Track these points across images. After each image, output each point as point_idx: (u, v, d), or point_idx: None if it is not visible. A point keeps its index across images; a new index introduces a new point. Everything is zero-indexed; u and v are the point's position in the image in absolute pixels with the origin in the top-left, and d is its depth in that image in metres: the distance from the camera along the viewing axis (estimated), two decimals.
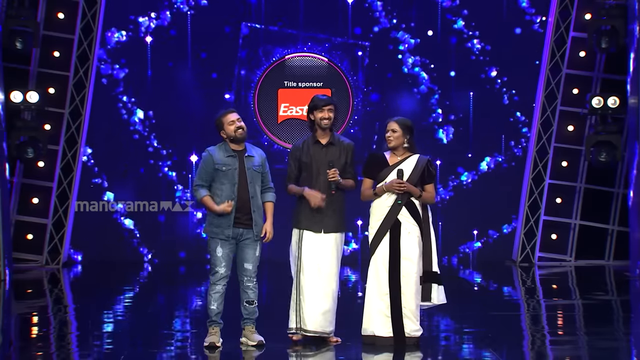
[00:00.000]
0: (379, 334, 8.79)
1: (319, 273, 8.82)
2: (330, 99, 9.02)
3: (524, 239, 15.82)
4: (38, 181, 15.54)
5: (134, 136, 15.81)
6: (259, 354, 8.71)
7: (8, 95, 14.56)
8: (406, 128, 8.90)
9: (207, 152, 8.88)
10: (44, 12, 15.37)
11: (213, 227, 8.86)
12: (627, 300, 12.39)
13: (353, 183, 8.98)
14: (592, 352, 8.89)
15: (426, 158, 8.96)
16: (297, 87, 15.88)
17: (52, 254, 15.42)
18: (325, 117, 8.92)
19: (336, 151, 8.93)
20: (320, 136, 8.96)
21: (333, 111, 8.95)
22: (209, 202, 8.78)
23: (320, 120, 8.92)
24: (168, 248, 15.95)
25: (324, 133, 8.96)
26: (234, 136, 8.85)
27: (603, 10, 14.83)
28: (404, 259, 8.76)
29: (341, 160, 8.92)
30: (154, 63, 15.85)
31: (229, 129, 8.86)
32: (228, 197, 8.77)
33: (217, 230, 8.84)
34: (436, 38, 16.02)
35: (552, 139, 15.71)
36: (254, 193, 8.83)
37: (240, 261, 8.90)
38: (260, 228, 8.87)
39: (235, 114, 8.92)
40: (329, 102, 8.96)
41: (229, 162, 8.83)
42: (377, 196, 8.85)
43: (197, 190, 8.82)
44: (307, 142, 9.00)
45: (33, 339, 9.84)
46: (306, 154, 8.92)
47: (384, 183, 8.83)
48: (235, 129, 8.85)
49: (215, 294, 8.85)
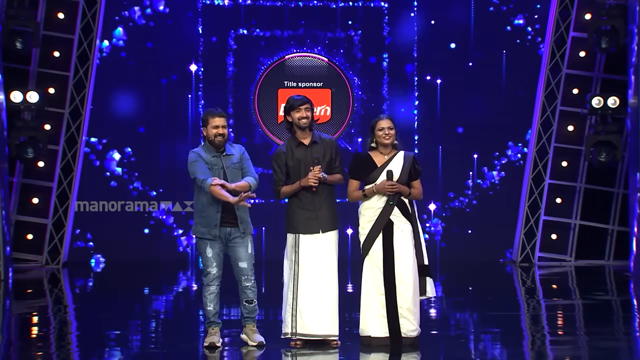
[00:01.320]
0: (375, 335, 8.76)
1: (320, 275, 8.77)
2: (306, 98, 8.94)
3: (524, 239, 15.82)
4: (38, 181, 15.54)
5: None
6: (259, 354, 8.71)
7: (8, 95, 14.56)
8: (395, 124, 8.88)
9: (195, 153, 8.87)
10: (44, 12, 15.37)
11: (200, 228, 8.84)
12: (627, 300, 12.39)
13: (341, 177, 8.92)
14: (592, 352, 8.89)
15: (412, 154, 8.91)
16: (297, 87, 15.87)
17: (52, 254, 15.43)
18: (303, 116, 8.84)
19: (320, 149, 8.88)
20: (302, 137, 8.90)
21: (310, 110, 8.90)
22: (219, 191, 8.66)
23: (299, 120, 8.84)
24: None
25: (304, 133, 8.90)
26: (212, 140, 8.85)
27: (603, 10, 14.83)
28: (398, 258, 8.73)
29: (326, 157, 8.87)
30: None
31: (211, 131, 8.85)
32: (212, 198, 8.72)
33: (204, 231, 8.82)
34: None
35: (552, 139, 15.71)
36: (236, 191, 8.78)
37: (235, 261, 8.88)
38: (246, 225, 8.85)
39: (222, 119, 8.86)
40: (305, 101, 8.88)
41: (214, 162, 8.83)
42: (367, 198, 8.81)
43: (204, 181, 8.72)
44: (289, 145, 8.92)
45: (33, 339, 9.84)
46: (291, 157, 8.86)
47: (373, 185, 8.79)
48: (215, 135, 8.84)
49: (210, 295, 8.84)
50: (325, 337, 8.80)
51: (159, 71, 15.87)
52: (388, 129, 8.81)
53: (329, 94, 15.91)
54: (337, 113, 15.91)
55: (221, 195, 8.67)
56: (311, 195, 8.81)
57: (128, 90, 15.91)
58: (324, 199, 8.84)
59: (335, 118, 15.92)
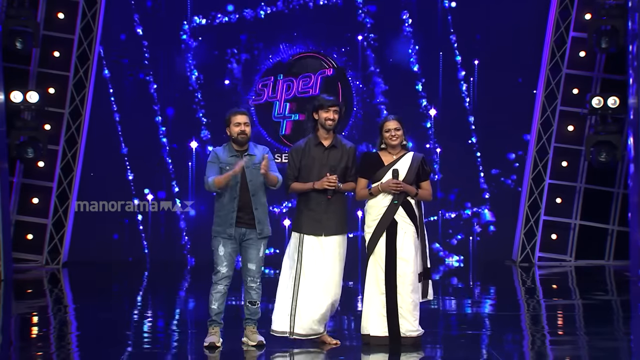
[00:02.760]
0: (374, 334, 8.77)
1: (320, 278, 8.76)
2: (337, 100, 8.95)
3: (524, 239, 15.83)
4: (38, 181, 15.55)
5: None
6: (259, 354, 8.71)
7: (8, 95, 14.56)
8: (403, 125, 8.90)
9: (214, 152, 8.94)
10: (44, 12, 15.38)
11: (216, 226, 8.87)
12: (627, 300, 12.39)
13: (354, 186, 8.92)
14: (592, 352, 8.89)
15: (420, 156, 8.94)
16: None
17: (52, 254, 15.43)
18: (330, 117, 8.84)
19: (338, 154, 8.87)
20: (323, 137, 8.90)
21: (338, 112, 8.88)
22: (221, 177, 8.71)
23: (325, 121, 8.84)
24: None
25: (327, 134, 8.89)
26: (236, 138, 8.87)
27: (603, 10, 14.83)
28: (399, 259, 8.74)
29: (342, 163, 8.86)
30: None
31: (234, 130, 8.88)
32: (230, 197, 8.77)
33: (220, 229, 8.84)
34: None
35: (552, 139, 15.71)
36: (255, 191, 8.82)
37: (244, 261, 8.91)
38: (263, 226, 8.86)
39: (244, 116, 8.91)
40: (335, 103, 8.88)
41: (232, 162, 8.83)
42: (373, 196, 8.83)
43: (207, 181, 8.76)
44: (308, 143, 8.92)
45: (33, 339, 9.84)
46: (307, 155, 8.86)
47: (379, 183, 8.81)
48: (238, 132, 8.86)
49: (216, 294, 8.85)
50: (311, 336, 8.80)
51: None
52: (394, 130, 8.84)
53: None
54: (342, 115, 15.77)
55: (227, 177, 8.69)
56: (319, 198, 8.79)
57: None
58: (331, 202, 8.82)
59: (339, 120, 15.82)
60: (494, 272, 15.09)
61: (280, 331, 8.84)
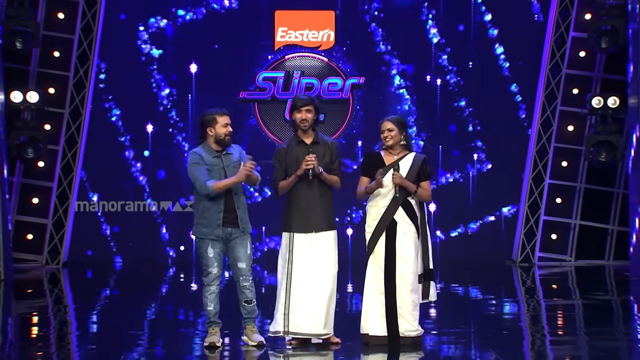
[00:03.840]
0: (373, 333, 8.78)
1: (312, 275, 8.76)
2: (310, 100, 8.93)
3: (524, 239, 15.82)
4: (38, 181, 15.54)
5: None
6: (259, 354, 8.71)
7: (8, 95, 14.56)
8: (401, 125, 8.91)
9: (196, 154, 8.82)
10: (44, 12, 15.38)
11: (202, 228, 8.83)
12: (627, 300, 12.39)
13: (337, 179, 8.91)
14: (592, 352, 8.89)
15: (422, 156, 8.96)
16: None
17: (52, 254, 15.43)
18: (303, 118, 8.85)
19: (321, 150, 8.89)
20: (304, 136, 8.91)
21: (311, 112, 8.87)
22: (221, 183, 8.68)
23: (300, 122, 8.87)
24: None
25: (306, 133, 8.91)
26: (222, 139, 8.84)
27: (603, 10, 14.83)
28: (399, 259, 8.75)
29: (325, 158, 8.88)
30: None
31: (221, 130, 8.82)
32: (216, 198, 8.74)
33: (207, 231, 8.81)
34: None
35: (552, 139, 15.71)
36: (236, 190, 8.80)
37: (233, 261, 8.89)
38: (245, 224, 8.85)
39: (228, 117, 8.89)
40: (307, 102, 8.88)
41: (215, 162, 8.81)
42: (369, 194, 8.83)
43: (205, 185, 8.70)
44: (291, 143, 8.95)
45: (33, 339, 9.84)
46: (291, 154, 8.88)
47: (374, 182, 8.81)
48: (226, 133, 8.83)
49: (210, 295, 8.85)
50: (316, 336, 8.81)
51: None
52: (387, 131, 8.87)
53: (332, 17, 15.82)
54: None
55: (226, 184, 8.67)
56: (306, 195, 8.80)
57: None
58: (318, 198, 8.83)
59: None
60: (493, 272, 15.09)
61: (274, 331, 8.85)
